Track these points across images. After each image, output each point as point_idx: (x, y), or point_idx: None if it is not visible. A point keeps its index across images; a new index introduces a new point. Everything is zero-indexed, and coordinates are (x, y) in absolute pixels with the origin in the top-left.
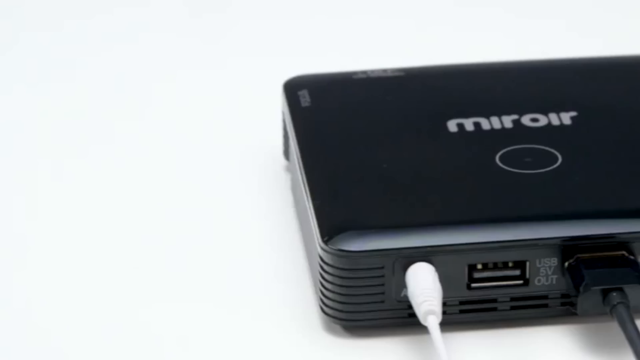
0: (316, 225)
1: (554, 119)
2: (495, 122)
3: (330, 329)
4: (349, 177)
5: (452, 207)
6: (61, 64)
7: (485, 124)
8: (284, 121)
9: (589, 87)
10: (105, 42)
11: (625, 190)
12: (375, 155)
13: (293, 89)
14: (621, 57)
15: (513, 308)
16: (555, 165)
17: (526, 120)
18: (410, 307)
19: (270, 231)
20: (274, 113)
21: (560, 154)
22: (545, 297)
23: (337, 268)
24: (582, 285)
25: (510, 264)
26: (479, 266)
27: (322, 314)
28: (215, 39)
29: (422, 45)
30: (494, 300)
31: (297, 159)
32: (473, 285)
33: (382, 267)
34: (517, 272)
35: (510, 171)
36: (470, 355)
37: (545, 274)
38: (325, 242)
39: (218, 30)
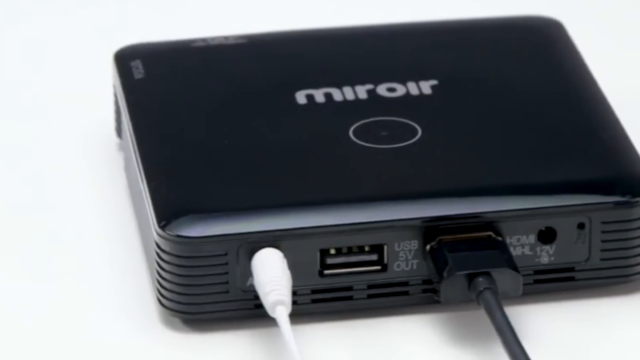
0: (152, 209)
1: (412, 88)
2: (349, 93)
3: (168, 323)
4: (188, 156)
5: (301, 187)
6: None
7: (337, 94)
8: (115, 95)
9: (452, 53)
10: None
11: (490, 165)
12: (217, 131)
13: (125, 59)
14: (488, 19)
15: (370, 296)
16: (414, 139)
17: (382, 90)
18: (256, 297)
19: (102, 216)
20: (104, 86)
21: (420, 126)
22: (405, 283)
23: (176, 256)
24: (445, 270)
25: (366, 248)
26: (332, 251)
27: (160, 306)
28: (35, 3)
29: (268, 10)
30: (349, 288)
31: (131, 136)
32: (326, 272)
33: (226, 254)
34: (374, 257)
35: (365, 146)
36: (324, 348)
37: (405, 258)
38: (162, 227)
39: None
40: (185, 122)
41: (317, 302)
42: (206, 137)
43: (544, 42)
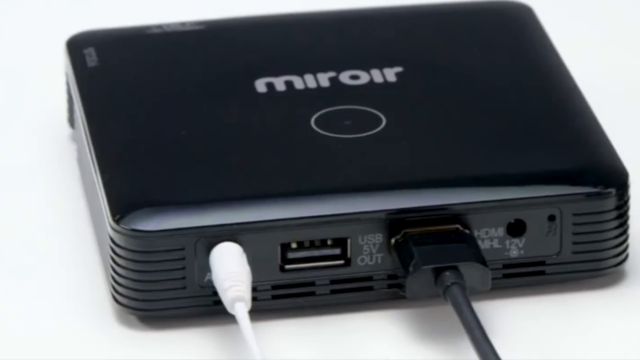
0: (106, 202)
1: (376, 76)
2: (310, 81)
3: (124, 321)
4: (143, 147)
5: (261, 179)
6: None
7: (298, 82)
8: (67, 84)
9: (418, 39)
10: None
11: (457, 155)
12: (173, 121)
13: (78, 47)
14: (455, 3)
15: (333, 292)
16: (378, 129)
17: (345, 77)
18: (215, 293)
19: (54, 209)
20: (56, 74)
21: (385, 115)
22: (369, 278)
23: (131, 250)
24: (411, 265)
25: (329, 242)
26: (294, 245)
27: (115, 303)
28: None
29: None
30: (312, 284)
31: (84, 126)
32: (287, 266)
33: (183, 249)
34: (337, 251)
35: (327, 136)
36: (285, 346)
37: (369, 252)
38: (117, 221)
39: None
40: (141, 111)
41: (278, 298)
42: (162, 127)
43: (513, 27)
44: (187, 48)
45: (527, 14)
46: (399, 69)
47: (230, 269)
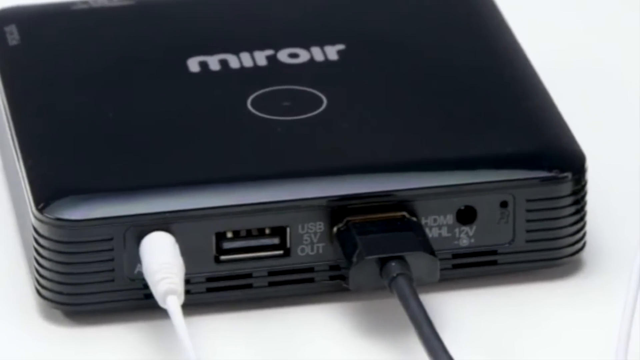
0: (29, 190)
1: (317, 54)
2: (246, 59)
3: (48, 316)
4: (68, 131)
5: (194, 164)
6: None
7: (233, 61)
8: None
9: (361, 15)
10: None
11: (403, 139)
12: (100, 103)
13: None
14: None
15: (272, 284)
16: (319, 110)
17: (283, 56)
18: (146, 286)
19: None
20: None
21: (326, 96)
22: (310, 269)
23: (55, 241)
24: (354, 255)
25: (267, 231)
26: (229, 234)
27: (39, 297)
28: None
29: None
30: (249, 276)
31: (5, 110)
32: (222, 257)
33: (111, 239)
34: (276, 241)
35: (264, 118)
36: (221, 342)
37: (310, 241)
38: (40, 210)
39: None
40: (66, 93)
41: (213, 291)
42: (89, 110)
43: (463, 3)
44: (115, 25)
45: None
46: (341, 47)
47: (162, 260)
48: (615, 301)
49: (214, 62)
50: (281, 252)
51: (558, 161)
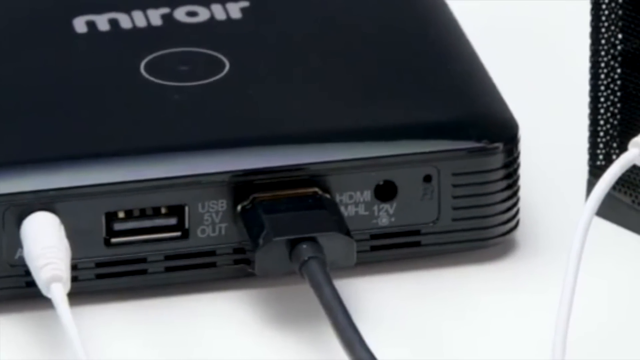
0: None
1: (218, 12)
2: (139, 19)
3: None
4: None
5: (80, 136)
6: None
7: (125, 21)
8: None
9: None
10: None
11: (315, 107)
12: None
13: None
14: None
15: (169, 269)
16: (220, 75)
17: (181, 14)
18: (28, 272)
19: None
20: None
21: (228, 59)
22: (212, 253)
23: None
24: (261, 236)
25: (163, 211)
26: (121, 214)
27: None
28: None
29: None
30: (143, 260)
31: None
32: (113, 240)
33: None
34: (173, 221)
35: (160, 84)
36: (112, 333)
37: (211, 222)
38: None
39: None
40: None
41: (103, 277)
42: None
43: None
44: None
45: None
46: (244, 4)
47: (46, 244)
48: (552, 285)
49: (102, 22)
50: (179, 233)
51: (487, 130)
